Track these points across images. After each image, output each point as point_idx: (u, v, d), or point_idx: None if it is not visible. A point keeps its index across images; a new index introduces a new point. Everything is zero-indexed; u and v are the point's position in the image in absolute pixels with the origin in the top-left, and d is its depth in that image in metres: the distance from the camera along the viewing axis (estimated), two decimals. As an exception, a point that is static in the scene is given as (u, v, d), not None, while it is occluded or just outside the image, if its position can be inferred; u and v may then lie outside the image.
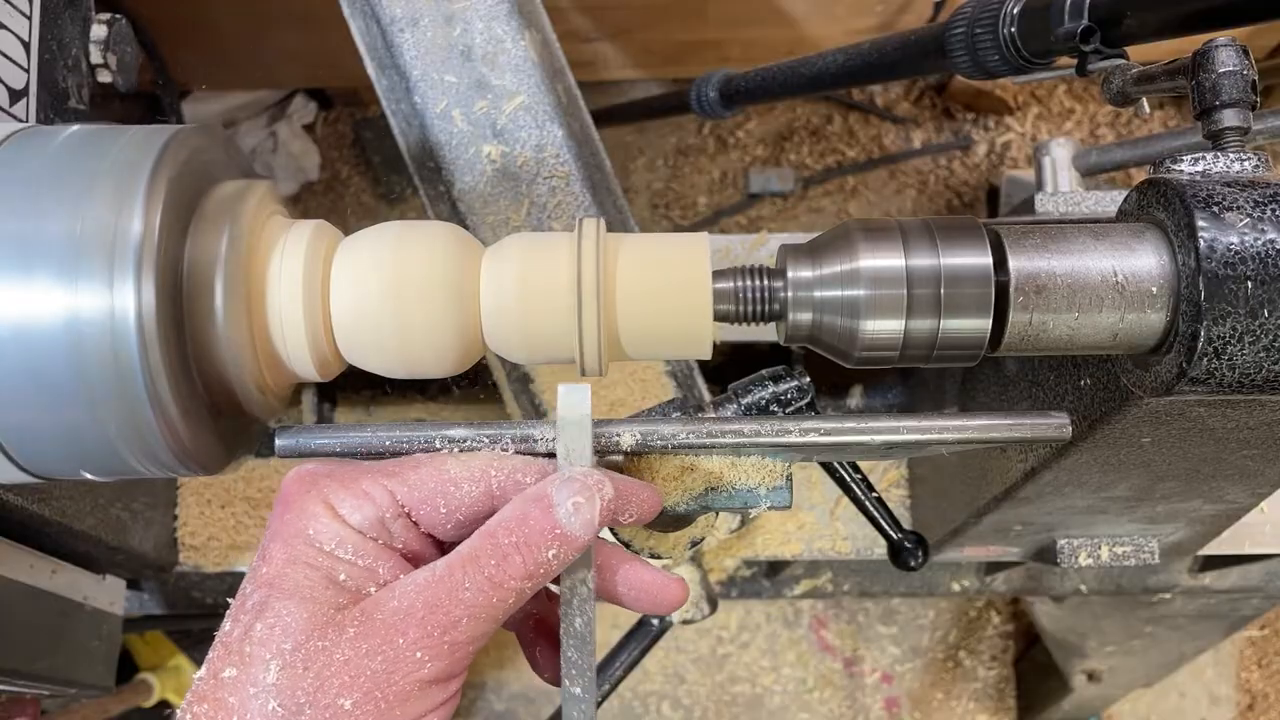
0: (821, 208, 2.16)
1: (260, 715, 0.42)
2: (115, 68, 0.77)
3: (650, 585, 0.52)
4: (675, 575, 0.53)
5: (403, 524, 0.48)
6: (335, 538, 0.46)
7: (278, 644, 0.43)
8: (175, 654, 1.86)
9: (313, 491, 0.47)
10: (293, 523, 0.47)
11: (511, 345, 0.55)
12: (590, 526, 0.47)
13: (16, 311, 0.46)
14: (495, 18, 0.98)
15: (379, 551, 0.47)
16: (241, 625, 0.45)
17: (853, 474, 0.78)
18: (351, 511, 0.47)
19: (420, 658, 0.44)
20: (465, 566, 0.45)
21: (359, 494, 0.47)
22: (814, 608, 2.12)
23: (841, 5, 1.84)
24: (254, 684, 0.43)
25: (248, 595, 0.46)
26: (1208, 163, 0.56)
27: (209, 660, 0.45)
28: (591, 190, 1.00)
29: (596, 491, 0.47)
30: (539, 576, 0.46)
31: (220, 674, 0.44)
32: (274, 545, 0.47)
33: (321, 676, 0.43)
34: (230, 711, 0.43)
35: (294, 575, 0.45)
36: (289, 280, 0.52)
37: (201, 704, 0.43)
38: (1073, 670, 1.72)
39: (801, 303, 0.55)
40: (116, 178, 0.47)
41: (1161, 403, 0.63)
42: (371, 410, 1.38)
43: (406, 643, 0.44)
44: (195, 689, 0.44)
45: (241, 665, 0.43)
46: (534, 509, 0.46)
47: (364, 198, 2.16)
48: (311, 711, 0.42)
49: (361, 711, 0.43)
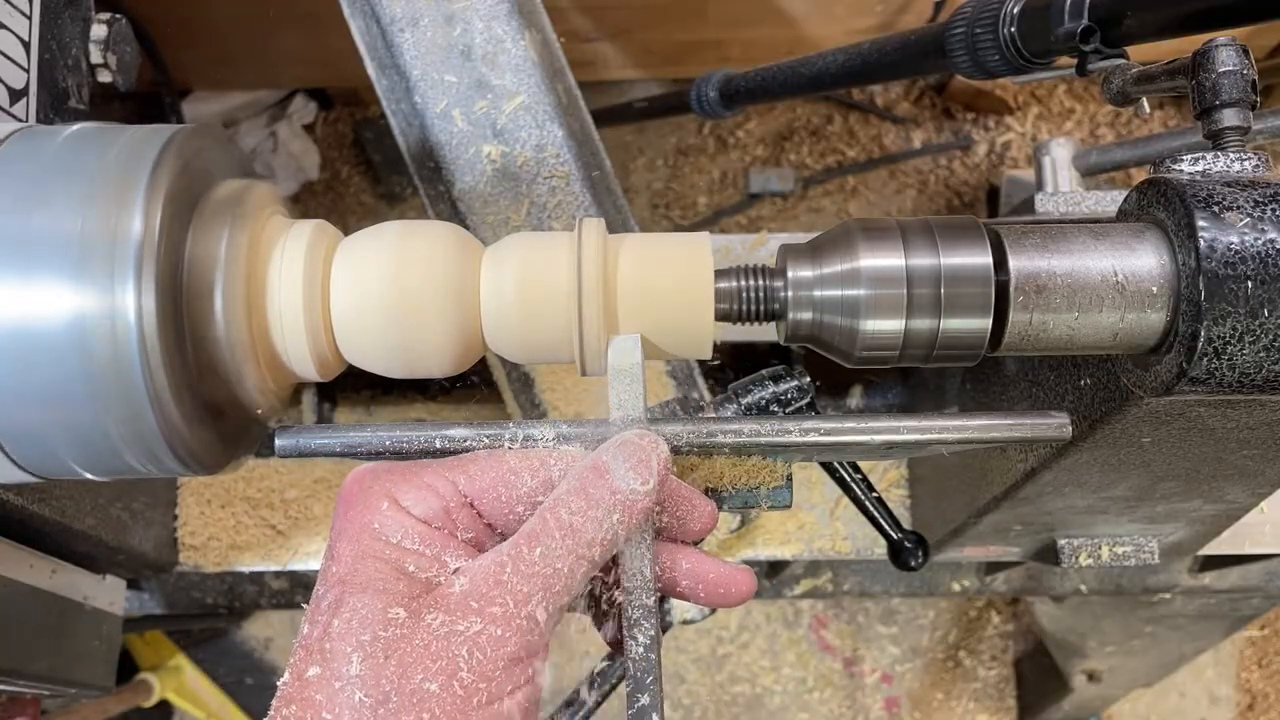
0: (821, 208, 2.16)
1: (348, 708, 0.42)
2: (115, 68, 0.77)
3: (717, 577, 0.52)
4: (742, 565, 0.53)
5: (467, 514, 0.48)
6: (401, 530, 0.47)
7: (356, 637, 0.44)
8: (175, 654, 1.86)
9: (375, 487, 0.48)
10: (358, 519, 0.47)
11: (511, 345, 0.55)
12: (648, 488, 0.47)
13: (16, 311, 0.46)
14: (495, 18, 0.98)
15: (445, 541, 0.47)
16: (319, 625, 0.45)
17: (853, 474, 0.78)
18: (415, 503, 0.47)
19: (500, 635, 0.44)
20: (531, 542, 0.46)
21: (421, 486, 0.48)
22: (814, 608, 2.12)
23: (841, 5, 1.84)
24: (338, 678, 0.43)
25: (321, 596, 0.46)
26: (1208, 162, 0.56)
27: (291, 665, 0.45)
28: (591, 190, 1.00)
29: (652, 451, 0.48)
30: (606, 544, 0.46)
31: (304, 674, 0.44)
32: (341, 543, 0.47)
33: (404, 664, 0.43)
34: (319, 708, 0.43)
35: (365, 570, 0.46)
36: (289, 280, 0.52)
37: (289, 706, 0.44)
38: (1073, 670, 1.72)
39: (802, 302, 0.55)
40: (117, 178, 0.47)
41: (1161, 403, 0.63)
42: (371, 410, 1.38)
43: (483, 622, 0.44)
44: (281, 694, 0.45)
45: (324, 663, 0.44)
46: (592, 476, 0.47)
47: (364, 198, 2.16)
48: (398, 699, 0.43)
49: (447, 693, 0.43)
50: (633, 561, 0.49)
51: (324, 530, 1.24)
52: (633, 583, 0.49)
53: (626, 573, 0.49)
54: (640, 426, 0.51)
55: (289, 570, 1.24)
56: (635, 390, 0.51)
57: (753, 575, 0.53)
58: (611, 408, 0.51)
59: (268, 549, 1.23)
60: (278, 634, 2.07)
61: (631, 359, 0.51)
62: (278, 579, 1.29)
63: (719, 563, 0.52)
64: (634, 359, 0.51)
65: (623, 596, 0.49)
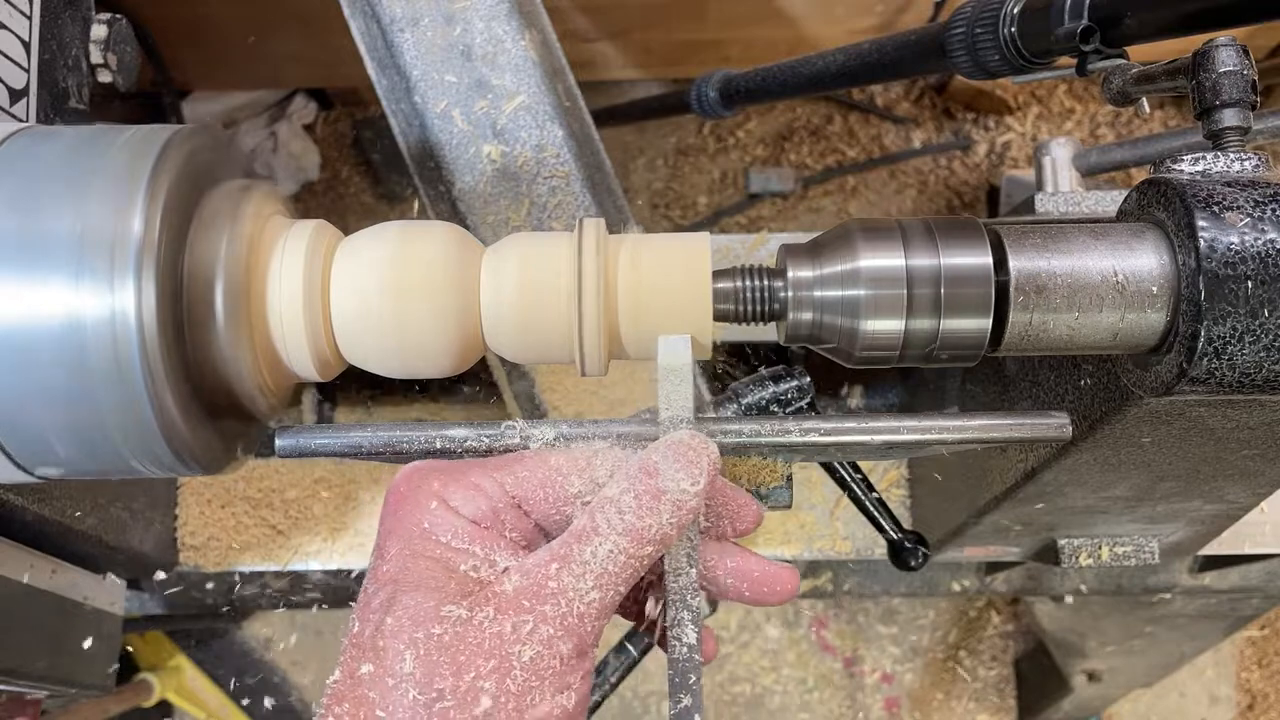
0: (821, 208, 2.16)
1: (402, 705, 0.43)
2: (115, 68, 0.77)
3: (761, 575, 0.52)
4: (786, 563, 0.53)
5: (514, 514, 0.49)
6: (451, 529, 0.47)
7: (410, 635, 0.44)
8: (175, 654, 1.86)
9: (424, 487, 0.48)
10: (408, 518, 0.47)
11: (511, 345, 0.55)
12: (698, 488, 0.47)
13: (16, 311, 0.45)
14: (495, 18, 0.98)
15: (494, 540, 0.47)
16: (371, 623, 0.45)
17: (853, 474, 0.78)
18: (464, 503, 0.48)
19: (551, 633, 0.44)
20: (582, 541, 0.46)
21: (470, 486, 0.48)
22: (814, 608, 2.12)
23: (841, 5, 1.84)
24: (392, 676, 0.43)
25: (372, 595, 0.46)
26: (1208, 162, 0.56)
27: (341, 663, 0.45)
28: (591, 190, 1.00)
29: (703, 452, 0.48)
30: (657, 543, 0.47)
31: (356, 672, 0.44)
32: (391, 541, 0.47)
33: (457, 662, 0.43)
34: (373, 706, 0.43)
35: (416, 568, 0.46)
36: (289, 280, 0.52)
37: (341, 704, 0.44)
38: (1073, 670, 1.72)
39: (802, 302, 0.55)
40: (117, 178, 0.47)
41: (1161, 403, 0.63)
42: (371, 410, 1.38)
43: (536, 621, 0.44)
44: (332, 692, 0.45)
45: (377, 660, 0.44)
46: (642, 476, 0.47)
47: (364, 198, 2.16)
48: (452, 697, 0.43)
49: (499, 690, 0.43)
50: (678, 561, 0.49)
51: (323, 530, 1.24)
52: (677, 582, 0.49)
53: (671, 572, 0.49)
54: (689, 426, 0.50)
55: (289, 570, 1.24)
56: (685, 390, 0.50)
57: (796, 573, 0.53)
58: (660, 407, 0.50)
59: (268, 549, 1.23)
60: (278, 634, 2.07)
61: (682, 358, 0.51)
62: (278, 579, 1.29)
63: (763, 560, 0.52)
64: (684, 359, 0.51)
65: (666, 596, 0.49)
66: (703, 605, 0.49)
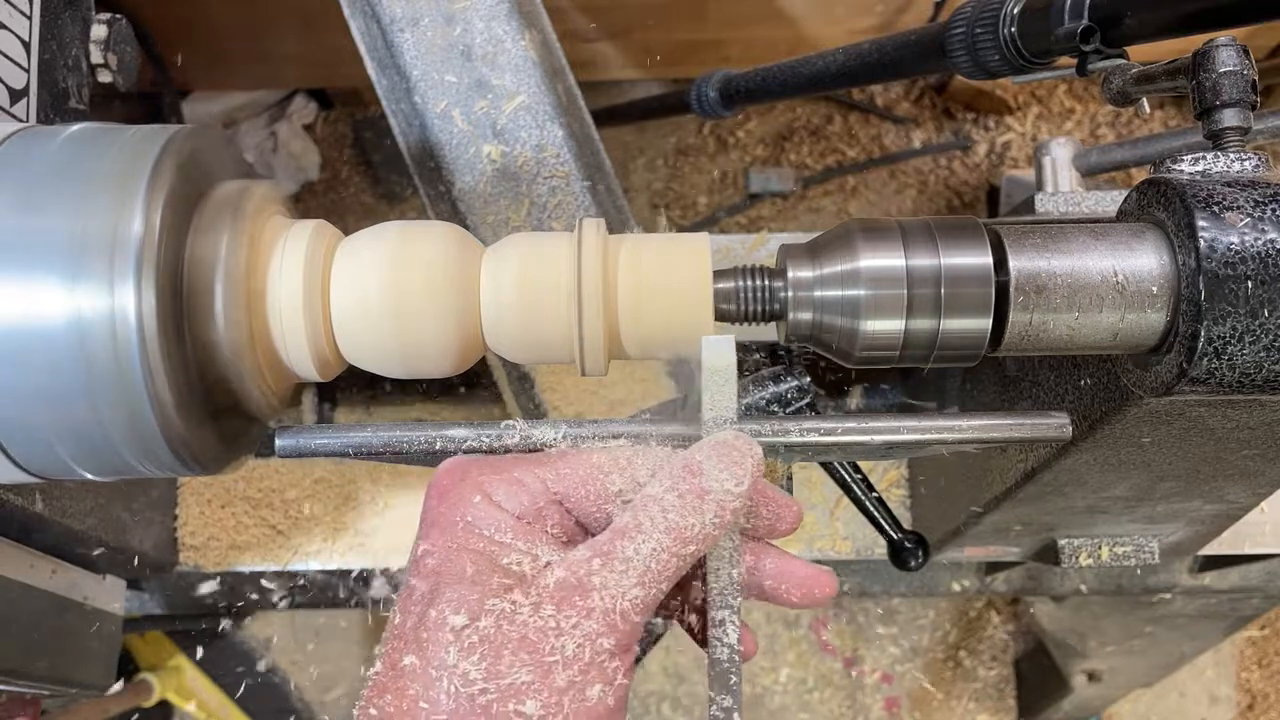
0: (821, 208, 2.16)
1: (446, 697, 0.43)
2: (115, 68, 0.77)
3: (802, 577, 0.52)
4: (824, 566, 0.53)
5: (556, 511, 0.49)
6: (494, 523, 0.47)
7: (453, 628, 0.44)
8: (175, 654, 1.86)
9: (467, 480, 0.48)
10: (450, 511, 0.48)
11: (511, 345, 0.55)
12: (742, 489, 0.47)
13: (16, 311, 0.45)
14: (495, 18, 0.98)
15: (537, 535, 0.47)
16: (414, 615, 0.45)
17: (853, 474, 0.78)
18: (507, 498, 0.48)
19: (593, 629, 0.44)
20: (625, 538, 0.46)
21: (513, 481, 0.48)
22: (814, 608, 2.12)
23: (841, 5, 1.84)
24: (435, 668, 0.43)
25: (414, 587, 0.46)
26: (1208, 163, 0.56)
27: (383, 655, 0.45)
28: (591, 190, 1.00)
29: (747, 452, 0.48)
30: (700, 543, 0.47)
31: (399, 664, 0.44)
32: (435, 534, 0.47)
33: (500, 655, 0.43)
34: (415, 699, 0.43)
35: (459, 561, 0.46)
36: (289, 280, 0.52)
37: (383, 696, 0.44)
38: (1073, 670, 1.72)
39: (802, 302, 0.55)
40: (116, 178, 0.47)
41: (1162, 403, 0.63)
42: (371, 410, 1.38)
43: (579, 616, 0.44)
44: (374, 683, 0.45)
45: (419, 652, 0.44)
46: (686, 476, 0.47)
47: (364, 198, 2.16)
48: (495, 691, 0.43)
49: (542, 684, 0.43)
50: (719, 562, 0.49)
51: (324, 530, 1.24)
52: (719, 583, 0.49)
53: (712, 572, 0.49)
54: (734, 427, 0.50)
55: (289, 570, 1.24)
56: (729, 390, 0.50)
57: (834, 575, 0.53)
58: (704, 407, 0.50)
59: (268, 549, 1.23)
60: (278, 634, 2.07)
61: (726, 359, 0.50)
62: (278, 579, 1.29)
63: (803, 563, 0.52)
64: (729, 359, 0.50)
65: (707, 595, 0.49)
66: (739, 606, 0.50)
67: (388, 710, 0.43)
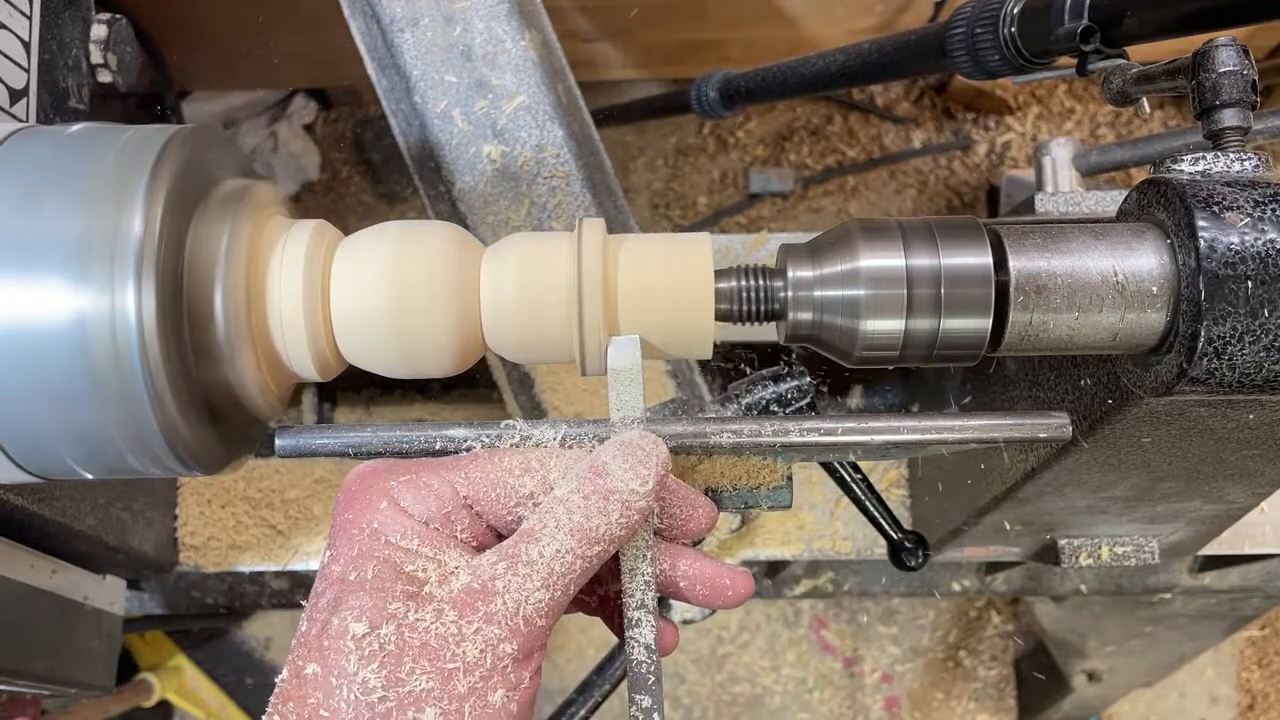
0: (821, 208, 2.16)
1: (346, 705, 0.43)
2: (115, 68, 0.77)
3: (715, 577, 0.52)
4: (740, 567, 0.53)
5: (465, 515, 0.49)
6: (400, 529, 0.47)
7: (354, 635, 0.44)
8: (175, 654, 1.86)
9: (375, 486, 0.48)
10: (357, 518, 0.47)
11: (511, 345, 0.55)
12: (647, 488, 0.47)
13: (16, 311, 0.45)
14: (495, 18, 0.98)
15: (444, 541, 0.47)
16: (318, 623, 0.45)
17: (853, 474, 0.78)
18: (414, 504, 0.48)
19: (496, 634, 0.44)
20: (529, 542, 0.46)
21: (421, 487, 0.48)
22: (814, 608, 2.12)
23: (841, 5, 1.84)
24: (336, 676, 0.43)
25: (320, 594, 0.46)
26: (1208, 163, 0.56)
27: (289, 661, 0.45)
28: (591, 190, 1.00)
29: (652, 452, 0.48)
30: (605, 544, 0.47)
31: (302, 672, 0.44)
32: (340, 541, 0.47)
33: (401, 663, 0.43)
34: (317, 706, 0.43)
35: (364, 568, 0.46)
36: (289, 280, 0.52)
37: (286, 703, 0.44)
38: (1073, 670, 1.72)
39: (802, 302, 0.55)
40: (117, 178, 0.47)
41: (1161, 403, 0.63)
42: (371, 410, 1.38)
43: (481, 621, 0.44)
44: (279, 690, 0.45)
45: (321, 660, 0.44)
46: (590, 477, 0.47)
47: (364, 198, 2.16)
48: (395, 698, 0.43)
49: (442, 691, 0.43)
50: (632, 561, 0.50)
51: (324, 530, 1.24)
52: (632, 583, 0.49)
53: (626, 572, 0.50)
54: (639, 427, 0.51)
55: (289, 570, 1.24)
56: (635, 391, 0.51)
57: (750, 576, 0.53)
58: (611, 408, 0.51)
59: (268, 549, 1.23)
60: (278, 634, 2.07)
61: (631, 360, 0.51)
62: (278, 579, 1.29)
63: (717, 564, 0.52)
64: (633, 360, 0.51)
65: (623, 597, 0.49)
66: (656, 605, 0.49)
67: (290, 718, 0.43)
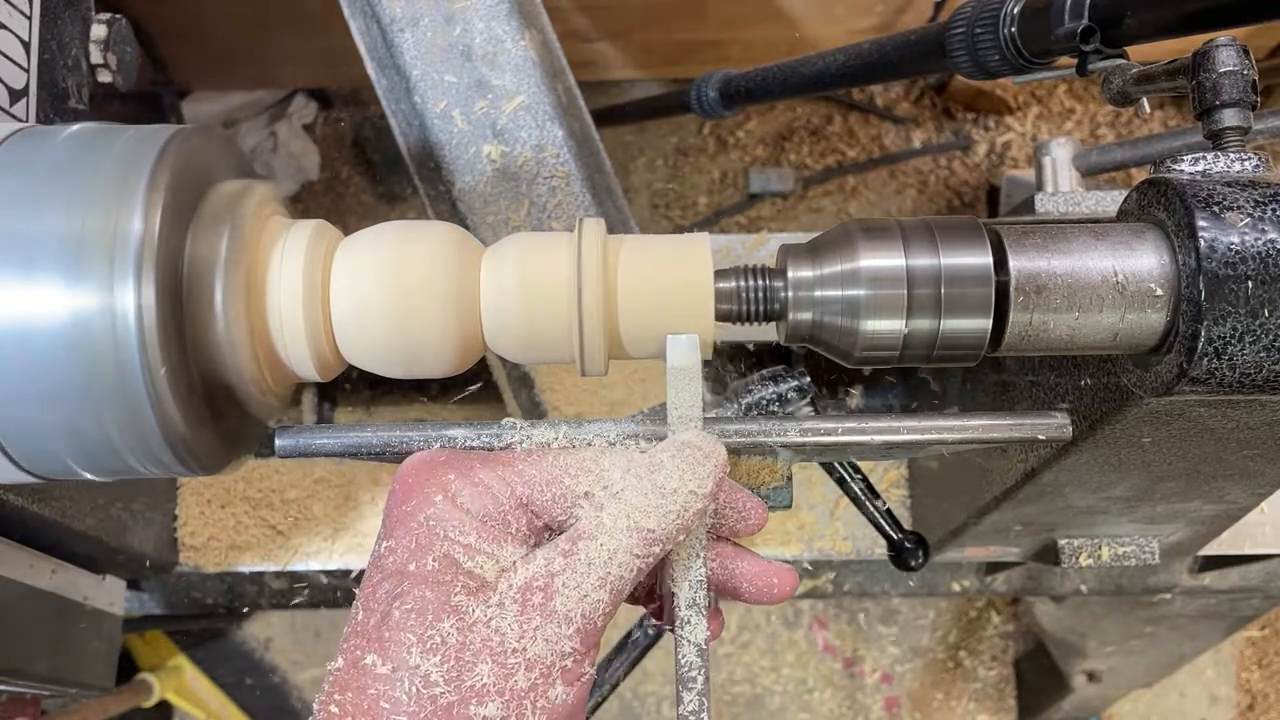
0: (821, 208, 2.16)
1: (407, 697, 0.43)
2: (115, 68, 0.77)
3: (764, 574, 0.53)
4: (786, 564, 0.53)
5: (523, 513, 0.49)
6: (458, 525, 0.47)
7: (416, 628, 0.44)
8: (175, 654, 1.86)
9: (432, 480, 0.48)
10: (415, 511, 0.48)
11: (511, 345, 0.55)
12: (705, 490, 0.48)
13: (16, 311, 0.45)
14: (495, 18, 0.98)
15: (500, 537, 0.48)
16: (376, 613, 0.45)
17: (853, 474, 0.78)
18: (470, 500, 0.48)
19: (555, 631, 0.45)
20: (587, 539, 0.46)
21: (477, 484, 0.48)
22: (814, 608, 2.12)
23: (841, 5, 1.84)
24: (397, 668, 0.43)
25: (377, 584, 0.46)
26: (1208, 163, 0.56)
27: (344, 650, 0.45)
28: (591, 190, 1.00)
29: (711, 452, 0.48)
30: (662, 543, 0.47)
31: (360, 661, 0.44)
32: (399, 532, 0.47)
33: (462, 657, 0.44)
34: (377, 697, 0.43)
35: (423, 562, 0.46)
36: (289, 280, 0.52)
37: (344, 693, 0.44)
38: (1073, 670, 1.72)
39: (802, 302, 0.55)
40: (117, 178, 0.47)
41: (1162, 403, 0.63)
42: (371, 410, 1.38)
43: (541, 618, 0.45)
44: (334, 679, 0.45)
45: (381, 651, 0.44)
46: (649, 476, 0.47)
47: (364, 198, 2.16)
48: (456, 692, 0.43)
49: (503, 686, 0.44)
50: (685, 561, 0.50)
51: (324, 530, 1.24)
52: (685, 581, 0.50)
53: (679, 571, 0.50)
54: (697, 427, 0.50)
55: (289, 570, 1.24)
56: (694, 390, 0.51)
57: (795, 573, 0.54)
58: (669, 408, 0.50)
59: (267, 549, 1.23)
60: (277, 634, 2.07)
61: (691, 359, 0.51)
62: (277, 579, 1.29)
63: (765, 561, 0.53)
64: (693, 359, 0.51)
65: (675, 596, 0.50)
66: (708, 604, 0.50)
67: (348, 706, 0.44)
